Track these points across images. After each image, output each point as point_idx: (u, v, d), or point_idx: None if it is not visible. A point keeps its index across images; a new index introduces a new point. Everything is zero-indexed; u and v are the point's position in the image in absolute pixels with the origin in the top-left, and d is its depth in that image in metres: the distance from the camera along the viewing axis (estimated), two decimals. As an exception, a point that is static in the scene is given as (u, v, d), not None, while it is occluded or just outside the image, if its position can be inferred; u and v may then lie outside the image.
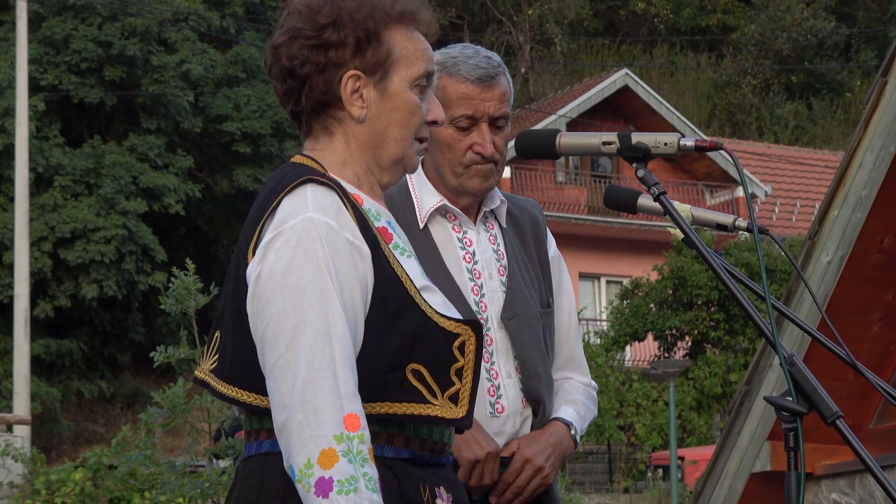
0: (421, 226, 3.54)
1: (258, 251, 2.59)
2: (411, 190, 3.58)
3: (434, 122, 2.77)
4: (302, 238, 2.55)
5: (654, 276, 28.45)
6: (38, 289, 28.21)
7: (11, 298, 24.53)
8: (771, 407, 2.62)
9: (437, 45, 2.82)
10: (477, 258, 3.56)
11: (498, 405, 3.48)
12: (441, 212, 3.57)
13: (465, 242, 3.57)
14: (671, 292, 27.80)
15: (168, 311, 6.85)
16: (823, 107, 46.42)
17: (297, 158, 2.73)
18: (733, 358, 27.68)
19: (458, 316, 2.69)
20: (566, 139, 3.00)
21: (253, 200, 2.85)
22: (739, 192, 35.71)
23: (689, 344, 28.33)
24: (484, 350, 3.41)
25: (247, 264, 2.61)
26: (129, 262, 28.61)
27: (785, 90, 46.57)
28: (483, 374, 3.45)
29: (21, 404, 22.48)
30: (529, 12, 44.99)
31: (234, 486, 2.68)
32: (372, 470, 2.48)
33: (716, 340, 27.86)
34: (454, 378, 2.64)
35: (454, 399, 2.64)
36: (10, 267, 25.55)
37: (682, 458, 23.93)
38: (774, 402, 2.62)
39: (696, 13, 47.98)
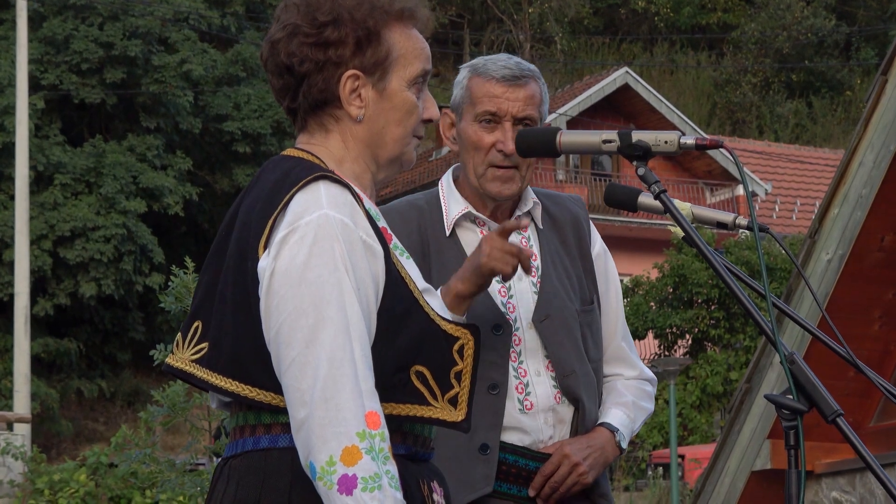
0: (448, 233, 3.59)
1: (271, 247, 2.55)
2: (441, 198, 3.64)
3: (429, 121, 2.76)
4: (319, 235, 2.52)
5: (654, 275, 28.43)
6: (38, 287, 28.20)
7: (11, 296, 24.55)
8: (771, 405, 2.61)
9: (436, 43, 2.81)
10: None
11: (527, 402, 3.53)
12: (469, 218, 3.62)
13: None
14: (671, 290, 27.78)
15: (168, 310, 6.86)
16: (824, 105, 46.41)
17: (293, 152, 2.69)
18: (734, 356, 27.64)
19: (455, 319, 2.69)
20: (566, 137, 3.01)
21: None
22: (740, 190, 35.69)
23: (690, 342, 28.30)
24: (511, 350, 3.50)
25: (256, 259, 2.56)
26: (127, 261, 28.60)
27: (785, 88, 46.55)
28: (511, 372, 3.52)
29: (21, 402, 22.49)
30: (529, 10, 44.96)
31: (225, 482, 2.61)
32: (393, 467, 2.47)
33: (716, 339, 27.83)
34: (453, 381, 2.64)
35: (453, 402, 2.64)
36: (11, 265, 25.56)
37: (682, 457, 23.91)
38: (775, 400, 2.62)
39: (697, 11, 47.97)
